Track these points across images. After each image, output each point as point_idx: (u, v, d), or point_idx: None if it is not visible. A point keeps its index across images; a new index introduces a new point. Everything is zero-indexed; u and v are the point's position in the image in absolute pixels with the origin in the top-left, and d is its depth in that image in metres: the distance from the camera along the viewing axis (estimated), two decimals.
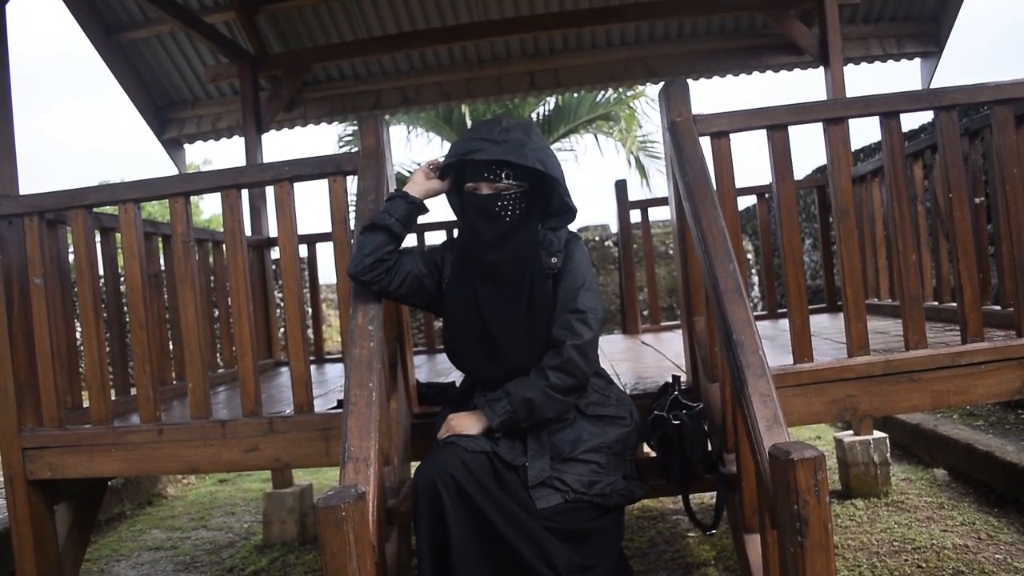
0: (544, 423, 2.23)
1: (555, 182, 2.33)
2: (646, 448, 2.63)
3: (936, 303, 3.96)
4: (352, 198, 3.44)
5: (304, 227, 3.74)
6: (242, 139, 5.51)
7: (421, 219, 2.47)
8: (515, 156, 2.22)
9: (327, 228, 3.13)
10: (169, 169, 6.39)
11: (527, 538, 2.01)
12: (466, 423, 2.23)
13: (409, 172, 14.51)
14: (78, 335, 3.38)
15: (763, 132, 2.81)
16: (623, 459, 2.31)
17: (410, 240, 5.12)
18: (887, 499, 4.36)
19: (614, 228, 10.59)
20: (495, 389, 2.25)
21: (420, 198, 2.41)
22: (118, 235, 3.35)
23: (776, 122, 2.77)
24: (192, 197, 3.03)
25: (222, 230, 3.06)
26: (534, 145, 2.28)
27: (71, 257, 3.39)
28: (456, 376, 3.82)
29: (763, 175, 3.94)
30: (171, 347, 4.00)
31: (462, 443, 2.14)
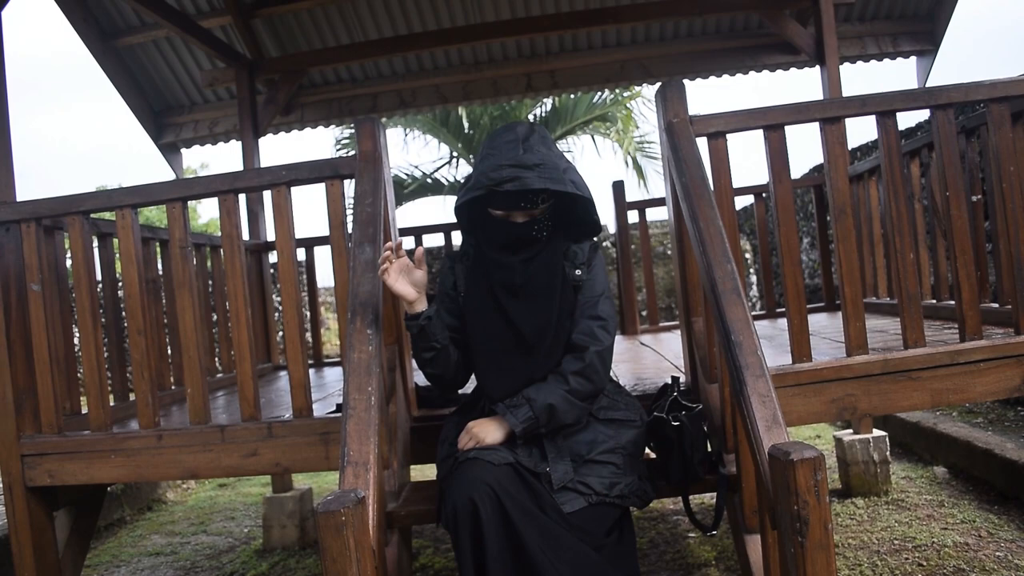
0: (560, 428, 2.23)
1: (586, 202, 2.32)
2: (646, 449, 2.62)
3: (934, 301, 3.96)
4: (350, 201, 3.44)
5: (302, 231, 3.74)
6: (239, 143, 5.51)
7: (419, 221, 2.48)
8: (553, 183, 2.16)
9: (325, 232, 3.13)
10: (164, 170, 6.39)
11: (559, 560, 2.01)
12: (488, 429, 2.20)
13: (407, 175, 14.52)
14: (76, 341, 3.38)
15: (759, 132, 2.81)
16: (637, 460, 2.32)
17: (408, 243, 5.14)
18: (887, 497, 4.36)
19: (612, 229, 10.60)
20: (501, 399, 2.25)
21: (420, 308, 2.25)
22: (116, 240, 3.35)
23: (773, 122, 2.77)
24: (190, 202, 3.03)
25: (220, 234, 3.05)
26: (561, 163, 2.23)
27: (69, 263, 3.39)
28: None
29: (760, 174, 3.94)
30: (170, 352, 3.99)
31: (486, 457, 2.11)
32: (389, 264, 2.18)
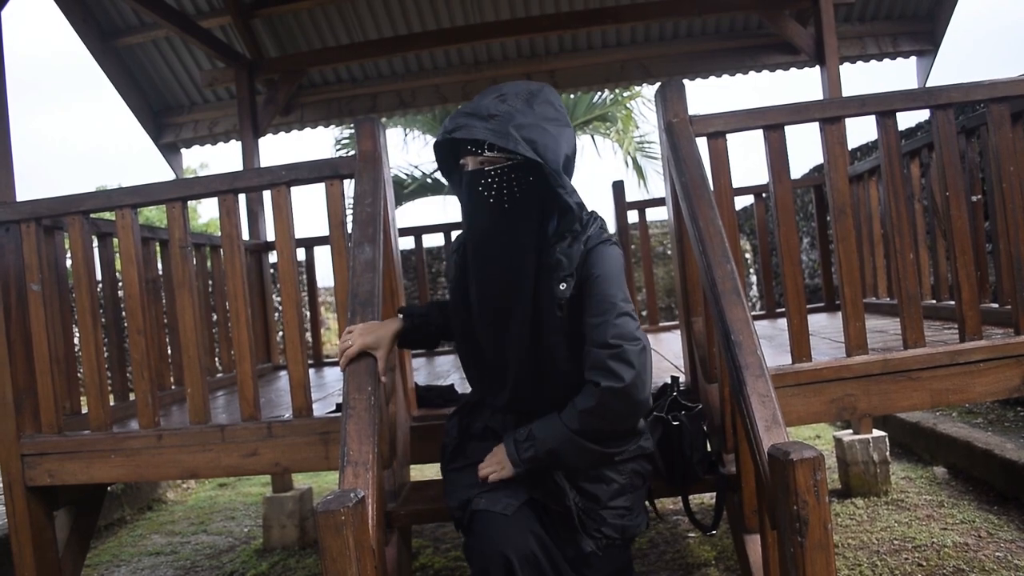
0: (574, 468, 2.04)
1: (547, 170, 1.90)
2: None
3: (934, 301, 3.96)
4: (350, 202, 3.44)
5: (301, 231, 3.73)
6: (239, 143, 5.51)
7: (420, 221, 2.46)
8: (497, 136, 1.87)
9: (324, 231, 3.12)
10: (164, 170, 6.41)
11: None
12: (499, 459, 2.06)
13: (406, 175, 14.53)
14: (76, 341, 3.38)
15: (758, 132, 2.81)
16: (644, 490, 2.19)
17: (408, 243, 5.14)
18: (887, 498, 4.36)
19: (612, 229, 10.60)
20: (503, 407, 2.13)
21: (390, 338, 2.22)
22: (115, 240, 3.35)
23: (772, 122, 2.77)
24: (189, 202, 3.03)
25: (219, 234, 3.05)
26: (526, 120, 1.90)
27: (68, 263, 3.39)
28: (455, 378, 3.82)
29: (760, 174, 3.94)
30: (169, 352, 3.99)
31: (499, 508, 1.95)
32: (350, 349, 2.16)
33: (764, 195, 5.21)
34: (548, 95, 1.99)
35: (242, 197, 3.11)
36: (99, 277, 3.39)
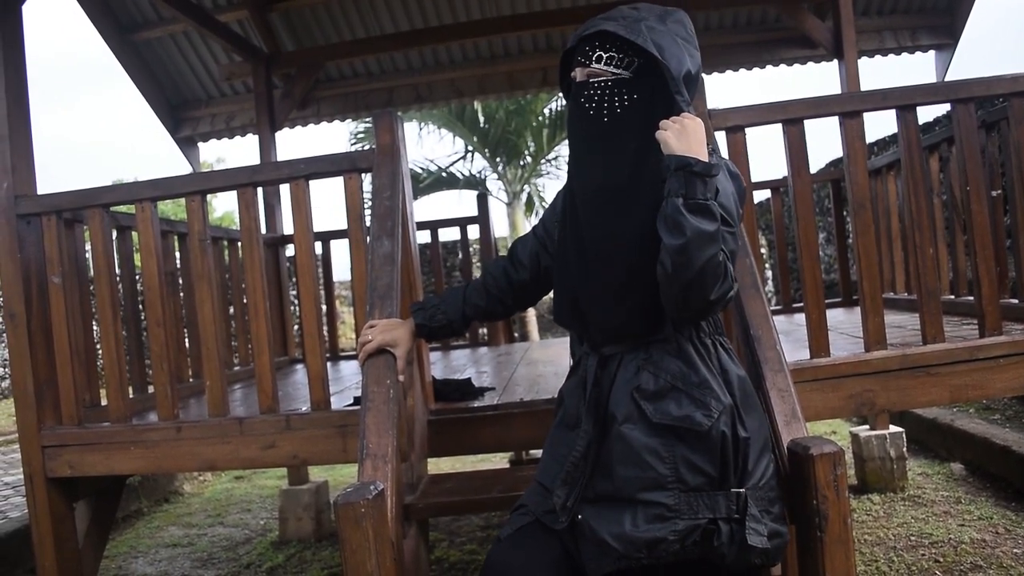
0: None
1: (668, 75, 1.68)
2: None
3: (953, 297, 3.94)
4: (368, 195, 3.45)
5: (318, 224, 3.74)
6: (256, 137, 5.53)
7: (434, 215, 2.43)
8: (626, 30, 1.67)
9: (339, 225, 3.12)
10: (168, 167, 6.44)
11: None
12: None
13: (422, 169, 14.56)
14: (96, 333, 3.40)
15: (777, 126, 2.80)
16: (711, 487, 1.79)
17: (424, 237, 5.15)
18: (904, 494, 4.34)
19: None
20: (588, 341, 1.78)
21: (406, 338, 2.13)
22: (134, 234, 3.37)
23: (792, 116, 2.76)
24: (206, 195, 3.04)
25: (235, 228, 3.06)
26: (660, 27, 1.71)
27: (88, 256, 3.42)
28: (471, 372, 3.82)
29: (774, 167, 3.92)
30: (187, 345, 4.02)
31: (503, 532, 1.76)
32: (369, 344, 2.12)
33: (781, 189, 5.19)
34: (682, 17, 1.79)
35: (260, 190, 3.12)
36: (118, 270, 3.41)
